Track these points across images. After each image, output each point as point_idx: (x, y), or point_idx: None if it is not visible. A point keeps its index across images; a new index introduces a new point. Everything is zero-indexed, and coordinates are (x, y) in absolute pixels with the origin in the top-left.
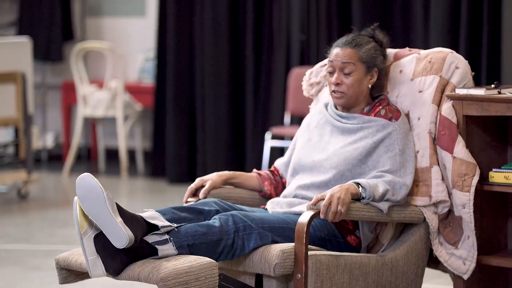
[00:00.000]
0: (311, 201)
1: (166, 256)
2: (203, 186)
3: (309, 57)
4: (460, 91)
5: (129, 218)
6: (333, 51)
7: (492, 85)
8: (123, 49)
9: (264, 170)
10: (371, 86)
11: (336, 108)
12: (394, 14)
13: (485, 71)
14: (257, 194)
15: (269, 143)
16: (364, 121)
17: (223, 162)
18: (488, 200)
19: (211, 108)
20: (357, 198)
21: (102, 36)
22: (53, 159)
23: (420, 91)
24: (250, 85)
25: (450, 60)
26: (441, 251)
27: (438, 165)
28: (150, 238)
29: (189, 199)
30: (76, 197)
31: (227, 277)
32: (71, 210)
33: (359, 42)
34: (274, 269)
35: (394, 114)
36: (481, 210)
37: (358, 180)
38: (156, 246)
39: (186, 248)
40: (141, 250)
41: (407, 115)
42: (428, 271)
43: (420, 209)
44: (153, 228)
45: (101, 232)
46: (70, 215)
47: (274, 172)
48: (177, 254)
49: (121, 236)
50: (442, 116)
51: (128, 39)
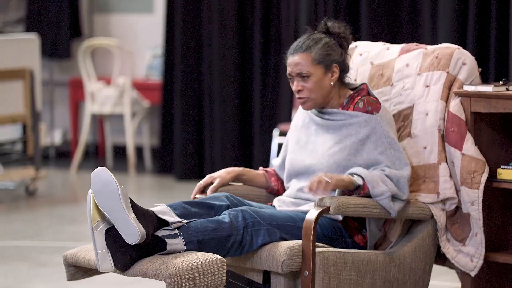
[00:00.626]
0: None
1: (174, 251)
2: (211, 183)
3: None
4: (468, 88)
5: (142, 214)
6: (288, 60)
7: (500, 82)
8: (130, 46)
9: (270, 167)
10: (333, 82)
11: None
12: (402, 10)
13: (493, 67)
14: (265, 191)
15: (276, 139)
16: (346, 117)
17: (231, 159)
18: (496, 197)
19: (219, 104)
20: (351, 187)
21: (110, 33)
22: (61, 155)
23: (427, 86)
24: (258, 81)
25: (457, 56)
26: (449, 248)
27: (446, 162)
28: (160, 233)
29: (197, 196)
30: (90, 190)
31: (234, 274)
32: (79, 206)
33: (309, 45)
34: (281, 266)
35: (373, 106)
36: (489, 207)
37: (352, 170)
38: (166, 239)
39: (195, 243)
40: (151, 246)
41: (411, 108)
42: (436, 268)
43: (428, 206)
44: (163, 223)
45: (112, 227)
46: (78, 211)
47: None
48: (185, 250)
49: (133, 232)
50: (450, 112)
51: (136, 36)
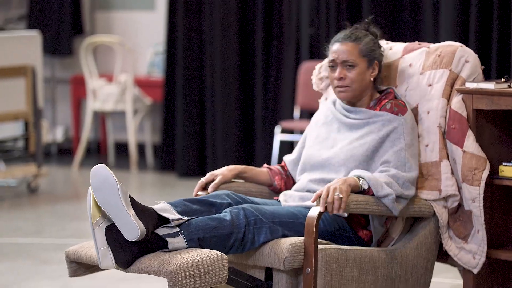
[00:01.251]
0: (312, 198)
1: (176, 249)
2: (213, 180)
3: (319, 51)
4: (470, 85)
5: (142, 211)
6: (333, 47)
7: (502, 79)
8: (132, 43)
9: (275, 165)
10: (373, 79)
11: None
12: (404, 8)
13: (495, 65)
14: (267, 189)
15: (278, 137)
16: (371, 115)
17: (233, 156)
18: (498, 194)
19: (221, 102)
20: (357, 190)
21: (111, 30)
22: (62, 153)
23: (430, 85)
24: (260, 79)
25: (459, 54)
26: (451, 245)
27: (448, 159)
28: (161, 231)
29: (198, 193)
30: (90, 187)
31: (236, 271)
32: (81, 203)
33: (358, 36)
34: (284, 263)
35: (400, 108)
36: (491, 204)
37: (358, 173)
38: (167, 238)
39: (196, 241)
40: (152, 243)
41: (416, 109)
42: (438, 265)
43: (430, 203)
44: (164, 220)
45: (113, 224)
46: (80, 208)
47: (284, 167)
48: (187, 247)
49: (133, 229)
50: (452, 110)
51: (138, 33)
